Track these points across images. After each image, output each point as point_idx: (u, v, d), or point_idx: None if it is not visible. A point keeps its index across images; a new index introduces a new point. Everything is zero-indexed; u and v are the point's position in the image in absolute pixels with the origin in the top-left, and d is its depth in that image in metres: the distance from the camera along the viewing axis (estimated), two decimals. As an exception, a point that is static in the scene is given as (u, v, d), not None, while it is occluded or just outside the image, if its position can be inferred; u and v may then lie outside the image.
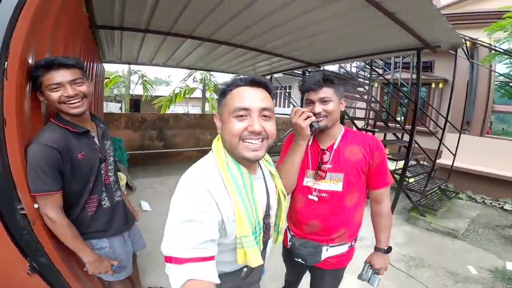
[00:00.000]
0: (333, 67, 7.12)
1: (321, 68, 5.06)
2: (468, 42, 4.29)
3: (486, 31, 3.42)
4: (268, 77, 5.83)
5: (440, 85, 6.34)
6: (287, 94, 9.29)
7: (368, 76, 6.85)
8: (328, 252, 1.20)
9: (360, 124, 5.00)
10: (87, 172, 1.17)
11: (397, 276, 2.47)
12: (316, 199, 1.16)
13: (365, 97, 5.57)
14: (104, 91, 11.23)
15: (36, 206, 1.00)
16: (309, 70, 5.17)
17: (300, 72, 5.53)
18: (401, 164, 3.71)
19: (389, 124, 5.58)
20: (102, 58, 4.23)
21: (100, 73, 4.12)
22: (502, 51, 3.69)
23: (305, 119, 1.03)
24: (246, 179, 0.79)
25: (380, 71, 6.61)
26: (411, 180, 4.42)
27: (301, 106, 1.17)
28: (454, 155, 4.48)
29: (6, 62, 0.78)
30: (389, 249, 1.20)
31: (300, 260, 1.22)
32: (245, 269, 0.87)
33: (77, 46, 1.59)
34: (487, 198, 4.75)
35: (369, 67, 5.64)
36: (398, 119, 5.95)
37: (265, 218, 0.87)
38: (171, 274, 0.67)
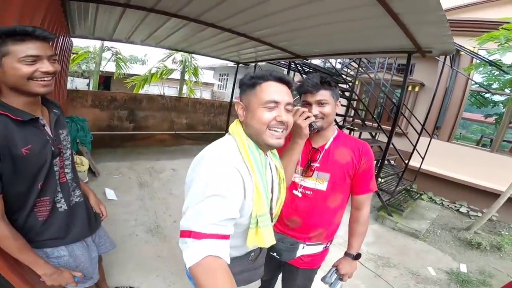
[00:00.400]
0: (318, 61, 7.10)
1: (308, 61, 5.00)
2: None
3: (477, 41, 3.47)
4: (252, 65, 5.62)
5: (416, 89, 6.56)
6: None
7: (351, 73, 6.94)
8: (304, 250, 1.25)
9: (338, 119, 5.03)
10: (35, 169, 0.95)
11: (367, 275, 2.58)
12: (299, 195, 1.20)
13: (346, 93, 5.64)
14: (70, 66, 10.19)
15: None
16: (295, 62, 5.06)
17: (285, 63, 5.40)
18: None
19: (365, 122, 5.75)
20: (71, 32, 3.72)
21: (67, 48, 3.61)
22: (487, 61, 3.80)
23: (305, 119, 1.03)
24: (263, 161, 0.86)
25: (362, 70, 6.70)
26: (381, 180, 4.61)
27: None
28: (423, 158, 4.71)
29: None
30: (358, 256, 1.24)
31: (275, 254, 1.26)
32: (252, 254, 0.94)
33: (38, 15, 1.30)
34: (446, 200, 5.14)
35: (356, 64, 5.65)
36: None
37: (271, 202, 0.92)
38: (188, 249, 0.66)
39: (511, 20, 3.21)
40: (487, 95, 5.67)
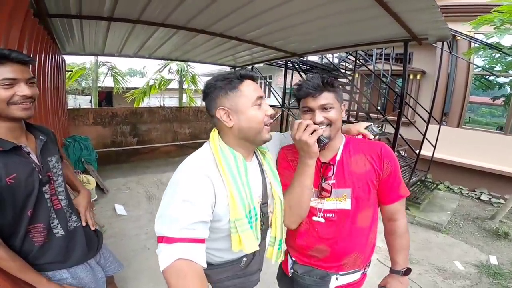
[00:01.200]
0: (315, 58, 7.00)
1: (305, 58, 4.91)
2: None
3: (472, 25, 3.38)
4: (249, 67, 5.56)
5: (418, 77, 6.45)
6: (267, 84, 9.11)
7: (350, 67, 6.82)
8: (338, 281, 1.06)
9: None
10: (22, 198, 0.94)
11: (387, 274, 2.43)
12: (322, 220, 1.00)
13: (348, 88, 5.52)
14: (69, 84, 10.37)
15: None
16: (291, 60, 4.98)
17: (282, 63, 5.32)
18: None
19: (370, 115, 5.59)
20: (61, 49, 3.72)
21: (59, 66, 3.62)
22: (486, 44, 3.70)
23: (311, 134, 0.86)
24: (240, 163, 0.84)
25: (360, 62, 6.59)
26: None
27: (289, 105, 1.02)
28: (434, 147, 4.53)
29: None
30: (407, 271, 1.05)
31: None
32: (244, 259, 0.92)
33: (13, 35, 1.26)
34: (464, 189, 4.92)
35: (353, 58, 5.55)
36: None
37: (262, 206, 0.91)
38: (161, 253, 0.68)
39: (501, 2, 3.13)
40: (491, 77, 5.51)
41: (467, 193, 4.81)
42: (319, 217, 1.01)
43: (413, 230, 3.36)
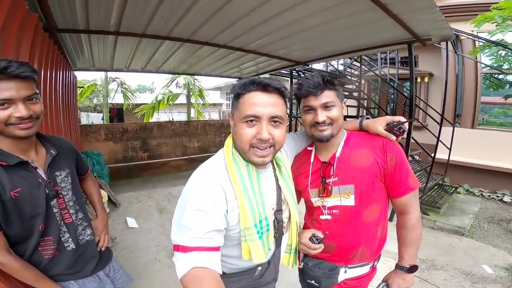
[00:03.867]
0: (320, 66, 7.03)
1: (309, 66, 4.94)
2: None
3: (473, 23, 3.36)
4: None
5: (426, 79, 6.38)
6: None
7: (355, 73, 6.81)
8: (346, 273, 1.06)
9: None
10: (30, 212, 0.92)
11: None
12: (329, 217, 1.03)
13: (355, 94, 5.47)
14: (81, 101, 10.70)
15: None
16: (296, 69, 5.01)
17: (287, 72, 5.37)
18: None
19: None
20: (72, 65, 3.88)
21: (71, 83, 3.76)
22: (491, 42, 3.66)
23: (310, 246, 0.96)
24: (252, 173, 0.82)
25: (366, 68, 6.59)
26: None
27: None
28: (450, 149, 4.39)
29: None
30: (412, 268, 1.01)
31: (313, 282, 1.08)
32: (259, 268, 0.88)
33: (23, 50, 1.31)
34: (485, 191, 4.71)
35: (359, 63, 5.56)
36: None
37: (276, 213, 0.88)
38: (177, 262, 0.69)
39: None
40: (501, 76, 5.39)
41: (489, 195, 4.59)
42: (325, 215, 1.03)
43: (435, 235, 3.22)
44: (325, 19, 2.32)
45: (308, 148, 1.11)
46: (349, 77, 6.04)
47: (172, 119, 6.78)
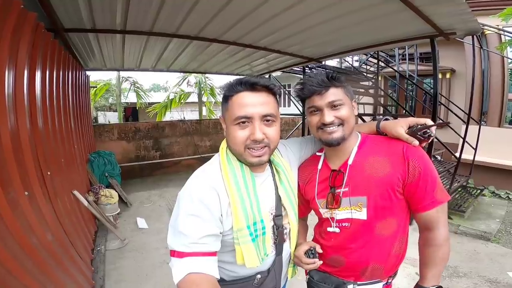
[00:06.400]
0: (334, 62, 6.82)
1: (323, 63, 4.78)
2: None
3: (500, 17, 3.15)
4: (267, 76, 5.52)
5: (448, 75, 6.10)
6: (287, 92, 8.97)
7: (371, 69, 6.56)
8: None
9: (367, 120, 4.67)
10: None
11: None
12: (337, 230, 0.92)
13: (371, 91, 5.26)
14: (96, 100, 10.93)
15: None
16: (309, 66, 4.85)
17: (300, 69, 5.22)
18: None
19: (399, 118, 5.26)
20: (84, 65, 3.92)
21: (83, 83, 3.80)
22: None
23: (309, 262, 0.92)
24: (247, 174, 0.81)
25: (383, 64, 6.34)
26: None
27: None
28: (475, 149, 4.12)
29: None
30: None
31: None
32: (258, 276, 0.85)
33: (21, 52, 1.27)
34: (513, 194, 4.39)
35: (376, 59, 5.35)
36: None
37: (276, 219, 0.86)
38: (173, 268, 0.69)
39: None
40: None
41: (517, 199, 4.28)
42: (333, 227, 0.93)
43: (458, 240, 3.04)
44: (339, 12, 2.18)
45: (317, 154, 1.00)
46: (364, 74, 5.81)
47: (184, 118, 6.80)
